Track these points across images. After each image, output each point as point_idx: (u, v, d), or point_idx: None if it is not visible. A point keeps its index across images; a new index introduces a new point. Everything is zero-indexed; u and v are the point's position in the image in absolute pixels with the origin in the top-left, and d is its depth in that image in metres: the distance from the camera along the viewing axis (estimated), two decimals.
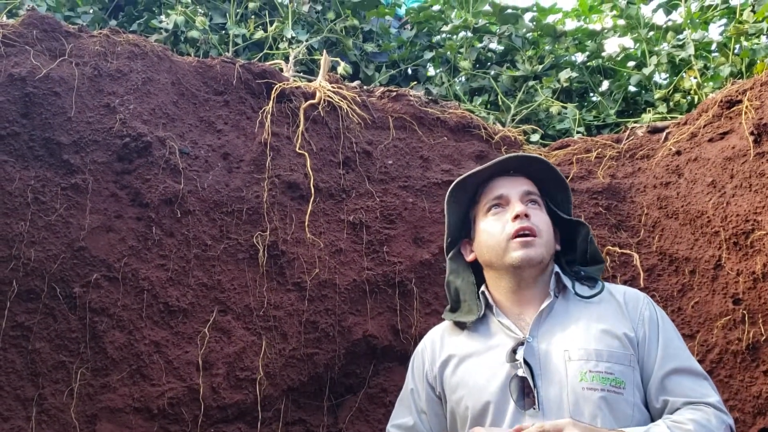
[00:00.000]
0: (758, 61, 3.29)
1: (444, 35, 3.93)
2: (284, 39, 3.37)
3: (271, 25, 3.44)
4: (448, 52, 3.76)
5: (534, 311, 1.83)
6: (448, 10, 4.02)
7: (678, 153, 2.80)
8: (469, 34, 3.93)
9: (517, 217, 1.81)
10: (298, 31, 3.46)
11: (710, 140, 2.72)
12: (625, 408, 1.69)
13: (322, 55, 2.69)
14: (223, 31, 3.53)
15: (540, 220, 1.85)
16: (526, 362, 1.75)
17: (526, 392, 1.73)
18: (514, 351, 1.78)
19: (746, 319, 2.39)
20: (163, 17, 3.47)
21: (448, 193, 1.95)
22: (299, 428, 2.38)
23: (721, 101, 2.74)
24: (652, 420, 1.75)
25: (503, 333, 1.84)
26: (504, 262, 1.82)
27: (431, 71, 4.03)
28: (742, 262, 2.44)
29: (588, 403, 1.68)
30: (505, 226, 1.82)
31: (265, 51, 3.27)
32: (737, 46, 3.56)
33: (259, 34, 3.43)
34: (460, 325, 1.91)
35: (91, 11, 3.47)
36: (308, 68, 3.42)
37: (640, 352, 1.76)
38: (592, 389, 1.69)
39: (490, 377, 1.80)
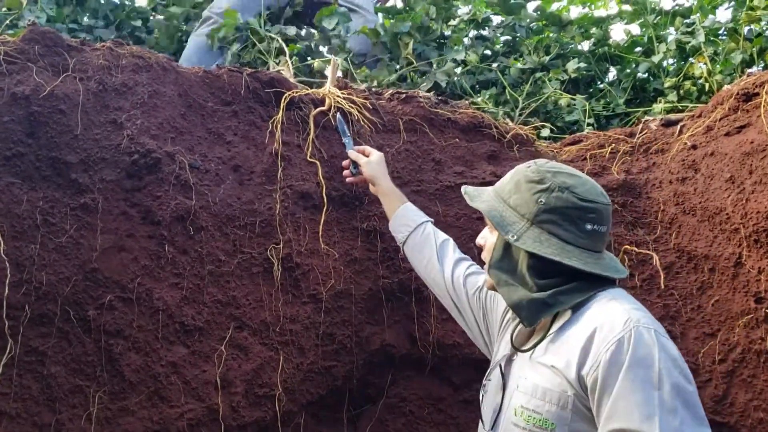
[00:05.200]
0: None
1: (451, 28, 3.85)
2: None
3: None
4: (454, 46, 3.68)
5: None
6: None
7: (694, 147, 2.75)
8: (473, 31, 3.87)
9: None
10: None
11: (727, 134, 2.67)
12: None
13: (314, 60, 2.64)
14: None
15: (487, 244, 1.82)
16: (504, 379, 1.76)
17: (495, 409, 1.74)
18: (500, 365, 1.79)
19: None
20: None
21: None
22: None
23: (738, 93, 2.69)
24: None
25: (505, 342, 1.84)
26: None
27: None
28: (764, 260, 2.40)
29: None
30: None
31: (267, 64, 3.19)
32: (746, 29, 3.50)
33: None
34: None
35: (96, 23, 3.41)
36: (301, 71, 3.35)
37: (591, 397, 1.54)
38: (516, 425, 1.63)
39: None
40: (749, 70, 3.09)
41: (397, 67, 3.58)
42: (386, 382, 2.46)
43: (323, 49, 3.67)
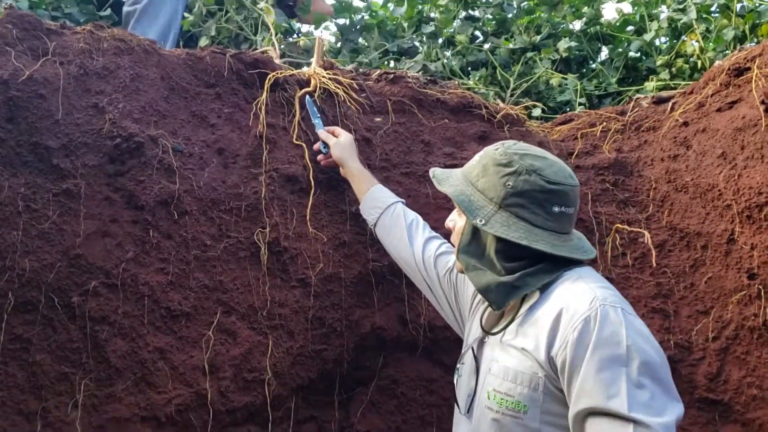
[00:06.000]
0: (763, 24, 3.19)
1: (439, 9, 3.80)
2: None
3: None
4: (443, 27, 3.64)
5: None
6: None
7: (685, 124, 2.73)
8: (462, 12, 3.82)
9: None
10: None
11: (718, 110, 2.64)
12: None
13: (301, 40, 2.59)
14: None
15: (456, 228, 1.83)
16: (477, 362, 1.74)
17: (469, 393, 1.75)
18: (473, 348, 1.79)
19: (762, 294, 2.34)
20: None
21: None
22: (311, 425, 2.34)
23: (729, 69, 2.65)
24: None
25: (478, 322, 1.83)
26: None
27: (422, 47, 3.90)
28: (756, 236, 2.38)
29: (484, 422, 1.65)
30: None
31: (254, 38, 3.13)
32: (739, 6, 3.46)
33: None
34: None
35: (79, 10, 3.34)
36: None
37: (561, 378, 1.53)
38: (489, 409, 1.63)
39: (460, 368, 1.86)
40: (741, 47, 3.05)
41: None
42: (377, 365, 2.43)
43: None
